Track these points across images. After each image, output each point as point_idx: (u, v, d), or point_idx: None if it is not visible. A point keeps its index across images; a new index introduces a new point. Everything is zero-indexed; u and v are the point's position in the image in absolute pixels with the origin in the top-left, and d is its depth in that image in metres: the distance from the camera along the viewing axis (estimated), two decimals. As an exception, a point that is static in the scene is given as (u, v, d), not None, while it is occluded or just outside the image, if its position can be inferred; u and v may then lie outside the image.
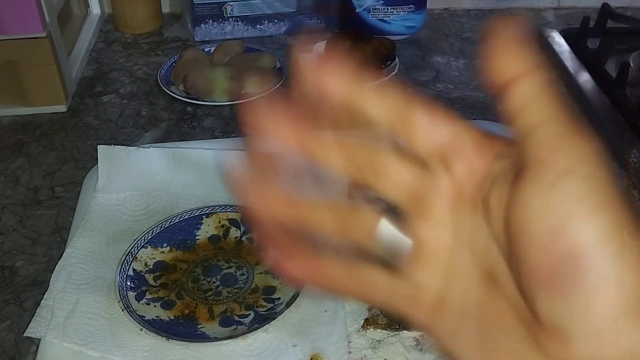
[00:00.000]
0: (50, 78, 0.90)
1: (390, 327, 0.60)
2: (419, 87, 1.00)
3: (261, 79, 0.96)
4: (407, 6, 1.08)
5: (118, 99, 0.97)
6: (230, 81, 0.92)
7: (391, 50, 1.00)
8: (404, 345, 0.59)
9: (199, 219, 0.72)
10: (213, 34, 1.11)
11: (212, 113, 0.94)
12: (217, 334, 0.60)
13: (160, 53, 1.09)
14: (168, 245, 0.69)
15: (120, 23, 1.15)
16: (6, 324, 0.63)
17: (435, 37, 1.15)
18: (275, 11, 1.12)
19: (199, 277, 0.66)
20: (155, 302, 0.63)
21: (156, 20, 1.17)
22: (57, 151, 0.86)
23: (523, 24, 0.23)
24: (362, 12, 1.09)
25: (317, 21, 1.14)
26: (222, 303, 0.64)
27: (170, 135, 0.89)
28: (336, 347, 0.58)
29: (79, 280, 0.64)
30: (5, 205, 0.77)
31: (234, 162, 0.26)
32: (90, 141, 0.87)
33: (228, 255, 0.69)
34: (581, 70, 1.00)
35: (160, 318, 0.62)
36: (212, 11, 1.09)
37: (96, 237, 0.69)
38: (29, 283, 0.67)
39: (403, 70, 1.04)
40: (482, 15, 1.23)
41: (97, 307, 0.61)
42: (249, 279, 0.66)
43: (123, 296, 0.62)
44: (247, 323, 0.61)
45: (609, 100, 0.92)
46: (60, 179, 0.81)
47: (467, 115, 0.94)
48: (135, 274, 0.66)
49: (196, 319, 0.62)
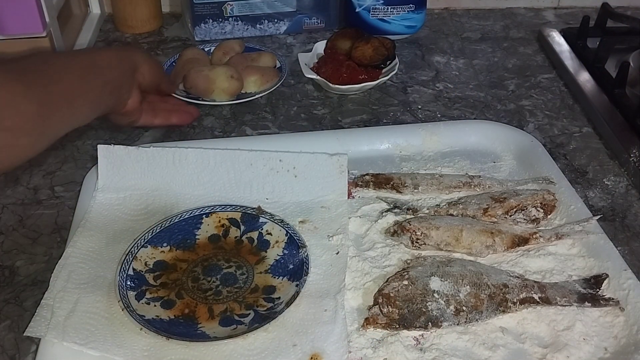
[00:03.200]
0: (50, 78, 0.90)
1: (390, 327, 0.60)
2: (419, 86, 1.01)
3: (261, 78, 0.96)
4: (407, 6, 1.08)
5: (118, 99, 0.97)
6: (230, 81, 0.92)
7: (391, 50, 1.00)
8: (404, 345, 0.59)
9: (198, 218, 0.72)
10: (213, 34, 1.12)
11: (212, 113, 0.94)
12: (217, 333, 0.60)
13: (160, 53, 1.09)
14: (168, 245, 0.69)
15: (120, 23, 1.16)
16: (6, 323, 0.63)
17: (435, 36, 1.16)
18: (275, 11, 1.12)
19: (199, 277, 0.66)
20: (155, 301, 0.63)
21: (156, 20, 1.17)
22: (56, 151, 0.86)
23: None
24: (362, 11, 1.09)
25: (317, 21, 1.14)
26: (222, 302, 0.64)
27: (170, 135, 0.89)
28: (336, 346, 0.58)
29: (79, 279, 0.64)
30: (5, 205, 0.77)
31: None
32: (90, 141, 0.87)
33: (228, 255, 0.69)
34: (581, 69, 1.00)
35: (160, 317, 0.62)
36: (212, 11, 1.09)
37: (96, 237, 0.69)
38: (29, 283, 0.67)
39: (403, 70, 1.04)
40: (482, 15, 1.23)
41: (97, 307, 0.61)
42: (249, 278, 0.66)
43: (123, 296, 0.62)
44: (247, 322, 0.61)
45: (609, 100, 0.92)
46: (60, 179, 0.81)
47: (467, 115, 0.94)
48: (135, 273, 0.66)
49: (196, 318, 0.62)
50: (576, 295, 0.63)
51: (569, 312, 0.62)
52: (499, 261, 0.68)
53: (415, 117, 0.93)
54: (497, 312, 0.61)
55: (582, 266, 0.67)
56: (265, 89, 0.96)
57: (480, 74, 1.04)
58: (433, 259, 0.66)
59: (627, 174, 0.82)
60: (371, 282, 0.65)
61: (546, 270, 0.66)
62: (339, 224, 0.71)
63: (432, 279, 0.62)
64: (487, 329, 0.61)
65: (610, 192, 0.80)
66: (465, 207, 0.73)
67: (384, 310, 0.60)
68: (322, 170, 0.75)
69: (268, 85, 0.96)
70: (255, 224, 0.72)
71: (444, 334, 0.60)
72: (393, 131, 0.86)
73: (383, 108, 0.95)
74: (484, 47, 1.12)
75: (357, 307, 0.63)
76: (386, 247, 0.69)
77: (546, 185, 0.76)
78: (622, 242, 0.72)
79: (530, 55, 1.10)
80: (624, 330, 0.60)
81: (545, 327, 0.61)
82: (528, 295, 0.62)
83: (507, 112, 0.95)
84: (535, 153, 0.82)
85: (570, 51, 1.06)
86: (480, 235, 0.68)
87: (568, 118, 0.94)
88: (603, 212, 0.76)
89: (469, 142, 0.85)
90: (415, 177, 0.78)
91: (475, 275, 0.63)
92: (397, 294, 0.61)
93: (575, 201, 0.73)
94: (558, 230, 0.70)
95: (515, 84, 1.02)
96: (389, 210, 0.74)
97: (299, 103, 0.96)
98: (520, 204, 0.72)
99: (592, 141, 0.89)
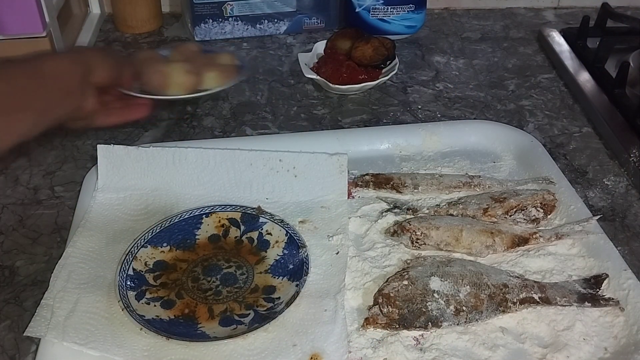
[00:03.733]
0: (50, 78, 0.90)
1: (390, 327, 0.60)
2: (419, 86, 1.01)
3: (220, 74, 0.89)
4: (407, 6, 1.08)
5: (118, 99, 0.97)
6: (187, 75, 0.85)
7: (391, 50, 1.00)
8: (404, 345, 0.59)
9: (198, 218, 0.72)
10: (213, 34, 1.12)
11: (212, 112, 0.94)
12: (217, 333, 0.60)
13: (160, 53, 1.09)
14: (168, 245, 0.69)
15: (120, 23, 1.16)
16: (6, 323, 0.63)
17: (435, 36, 1.15)
18: (275, 11, 1.12)
19: (198, 277, 0.66)
20: (155, 301, 0.63)
21: (156, 20, 1.17)
22: (56, 151, 0.86)
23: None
24: (362, 11, 1.09)
25: (317, 21, 1.14)
26: (222, 302, 0.64)
27: (170, 134, 0.89)
28: (336, 346, 0.58)
29: (79, 279, 0.64)
30: (5, 205, 0.77)
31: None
32: (90, 141, 0.87)
33: (228, 255, 0.69)
34: (581, 69, 1.00)
35: (160, 317, 0.62)
36: (212, 11, 1.09)
37: (96, 237, 0.69)
38: (29, 283, 0.67)
39: (403, 70, 1.04)
40: (482, 15, 1.23)
41: (97, 307, 0.61)
42: (249, 278, 0.66)
43: (123, 296, 0.62)
44: (247, 322, 0.61)
45: (609, 100, 0.92)
46: (60, 179, 0.81)
47: (467, 115, 0.94)
48: (135, 273, 0.66)
49: (196, 318, 0.62)
50: (576, 295, 0.63)
51: (569, 312, 0.62)
52: (499, 261, 0.68)
53: (415, 117, 0.93)
54: (497, 312, 0.61)
55: (582, 266, 0.67)
56: (224, 85, 0.87)
57: (480, 74, 1.04)
58: (433, 259, 0.66)
59: (627, 174, 0.82)
60: (371, 282, 0.65)
61: (546, 270, 0.66)
62: (339, 224, 0.71)
63: (432, 279, 0.62)
64: (487, 329, 0.61)
65: (610, 192, 0.80)
66: (465, 207, 0.73)
67: (384, 310, 0.60)
68: (322, 170, 0.75)
69: (228, 82, 0.89)
70: (255, 224, 0.72)
71: (444, 334, 0.60)
72: (393, 131, 0.86)
73: (383, 108, 0.95)
74: (484, 47, 1.12)
75: (357, 307, 0.63)
76: (386, 247, 0.69)
77: (546, 185, 0.76)
78: (622, 242, 0.72)
79: (530, 55, 1.10)
80: (624, 330, 0.60)
81: (545, 327, 0.61)
82: (528, 295, 0.62)
83: (507, 112, 0.95)
84: (535, 153, 0.82)
85: (570, 51, 1.06)
86: (480, 235, 0.68)
87: (568, 118, 0.94)
88: (603, 212, 0.76)
89: (469, 142, 0.85)
90: (415, 177, 0.78)
91: (475, 275, 0.63)
92: (397, 294, 0.61)
93: (575, 201, 0.73)
94: (558, 230, 0.70)
95: (515, 84, 1.02)
96: (389, 210, 0.74)
97: (299, 103, 0.96)
98: (520, 204, 0.72)
99: (592, 141, 0.89)
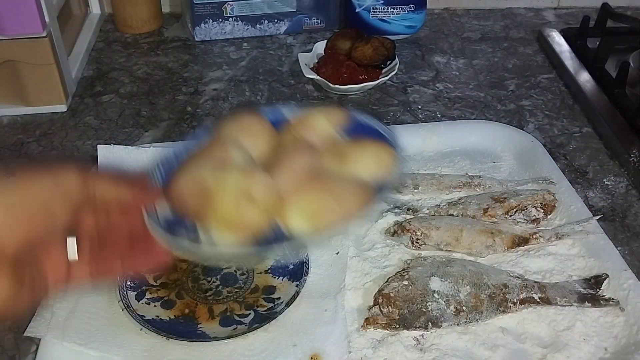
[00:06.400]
0: (50, 78, 0.90)
1: (390, 327, 0.60)
2: (419, 86, 1.01)
3: (329, 209, 0.48)
4: (407, 6, 1.08)
5: (118, 99, 0.97)
6: (242, 205, 0.46)
7: (391, 50, 1.00)
8: (404, 345, 0.59)
9: (199, 218, 0.72)
10: (213, 34, 1.12)
11: (212, 113, 0.94)
12: (217, 333, 0.60)
13: (160, 53, 1.09)
14: (168, 245, 0.69)
15: (120, 23, 1.15)
16: (6, 323, 0.63)
17: (435, 36, 1.15)
18: (275, 11, 1.12)
19: (199, 277, 0.66)
20: (155, 301, 0.63)
21: (156, 20, 1.17)
22: (57, 151, 0.86)
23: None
24: (362, 12, 1.09)
25: (317, 21, 1.14)
26: (222, 303, 0.64)
27: (170, 135, 0.89)
28: (336, 346, 0.58)
29: (79, 280, 0.64)
30: (5, 205, 0.77)
31: None
32: (90, 141, 0.87)
33: (228, 255, 0.69)
34: (581, 69, 1.00)
35: (160, 318, 0.62)
36: (212, 11, 1.09)
37: (96, 237, 0.69)
38: (29, 283, 0.67)
39: (403, 70, 1.04)
40: (482, 15, 1.23)
41: (97, 307, 0.61)
42: (249, 278, 0.66)
43: (123, 296, 0.62)
44: (247, 323, 0.61)
45: (609, 100, 0.92)
46: (60, 179, 0.81)
47: (467, 115, 0.94)
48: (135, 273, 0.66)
49: (196, 318, 0.62)
50: (576, 295, 0.63)
51: (569, 312, 0.62)
52: (499, 261, 0.68)
53: (415, 117, 0.93)
54: (497, 312, 0.61)
55: (582, 266, 0.67)
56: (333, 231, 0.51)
57: (480, 74, 1.04)
58: (433, 259, 0.66)
59: (627, 174, 0.82)
60: (371, 282, 0.65)
61: (546, 271, 0.66)
62: (339, 224, 0.71)
63: (432, 279, 0.62)
64: (487, 329, 0.61)
65: (610, 192, 0.80)
66: (465, 207, 0.73)
67: (384, 311, 0.60)
68: (322, 170, 0.75)
69: (342, 224, 0.48)
70: (255, 224, 0.72)
71: (444, 334, 0.60)
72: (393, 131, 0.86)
73: (383, 108, 0.95)
74: (484, 47, 1.12)
75: (357, 307, 0.63)
76: (386, 247, 0.69)
77: (546, 186, 0.76)
78: (622, 242, 0.72)
79: (530, 55, 1.10)
80: (624, 330, 0.60)
81: (545, 327, 0.61)
82: (528, 295, 0.62)
83: (507, 112, 0.95)
84: (535, 153, 0.82)
85: (570, 51, 1.06)
86: (481, 235, 0.68)
87: (568, 118, 0.94)
88: (603, 212, 0.76)
89: (469, 142, 0.85)
90: (415, 177, 0.78)
91: (475, 275, 0.63)
92: (397, 294, 0.61)
93: (575, 201, 0.73)
94: (558, 231, 0.70)
95: (515, 84, 1.02)
96: (389, 210, 0.74)
97: (299, 103, 0.96)
98: (520, 204, 0.72)
99: (592, 141, 0.89)
